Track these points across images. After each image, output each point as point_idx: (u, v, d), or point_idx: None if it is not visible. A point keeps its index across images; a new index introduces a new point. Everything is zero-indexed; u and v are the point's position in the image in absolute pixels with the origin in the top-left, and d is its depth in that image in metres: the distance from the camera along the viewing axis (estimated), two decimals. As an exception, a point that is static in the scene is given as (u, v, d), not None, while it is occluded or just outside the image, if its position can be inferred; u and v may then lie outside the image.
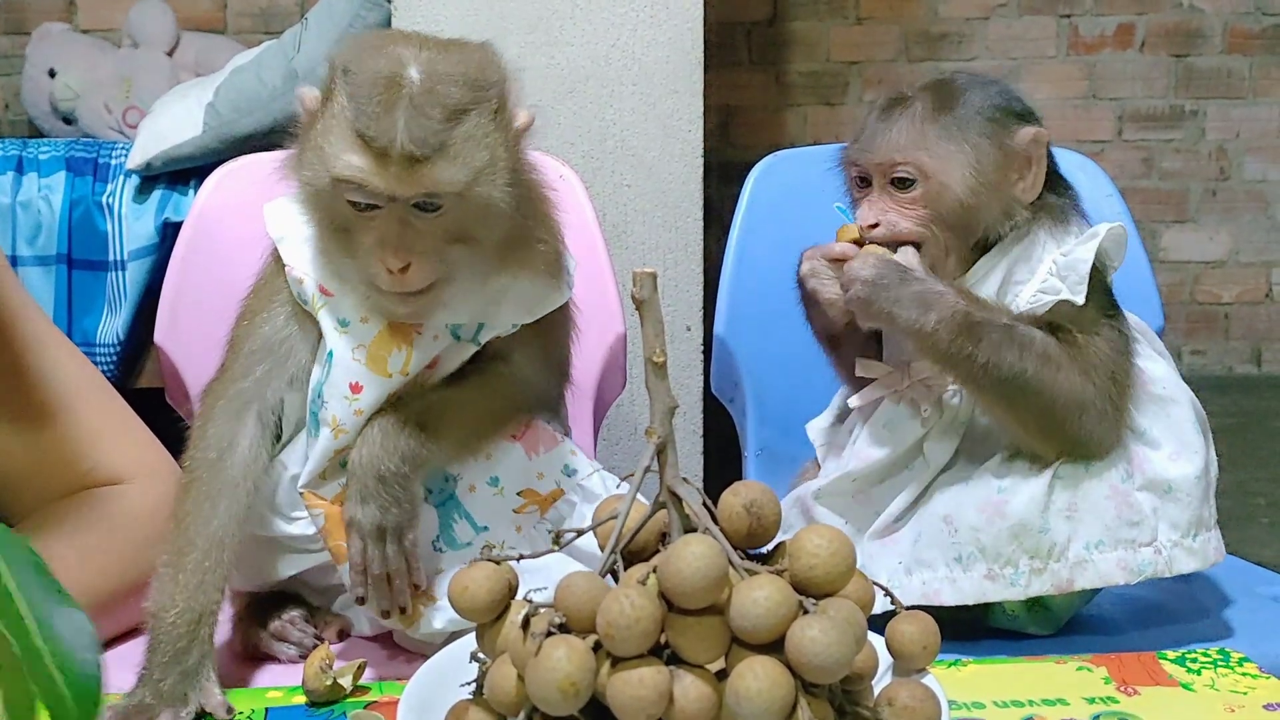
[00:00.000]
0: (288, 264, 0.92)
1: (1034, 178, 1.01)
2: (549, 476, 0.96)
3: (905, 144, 1.01)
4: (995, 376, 0.96)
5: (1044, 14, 3.28)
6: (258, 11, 3.20)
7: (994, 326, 0.96)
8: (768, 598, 0.59)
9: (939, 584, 0.98)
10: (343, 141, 0.83)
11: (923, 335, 0.96)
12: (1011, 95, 1.04)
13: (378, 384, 0.90)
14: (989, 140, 1.00)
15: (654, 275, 0.66)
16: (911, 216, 1.01)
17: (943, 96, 1.02)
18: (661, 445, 0.66)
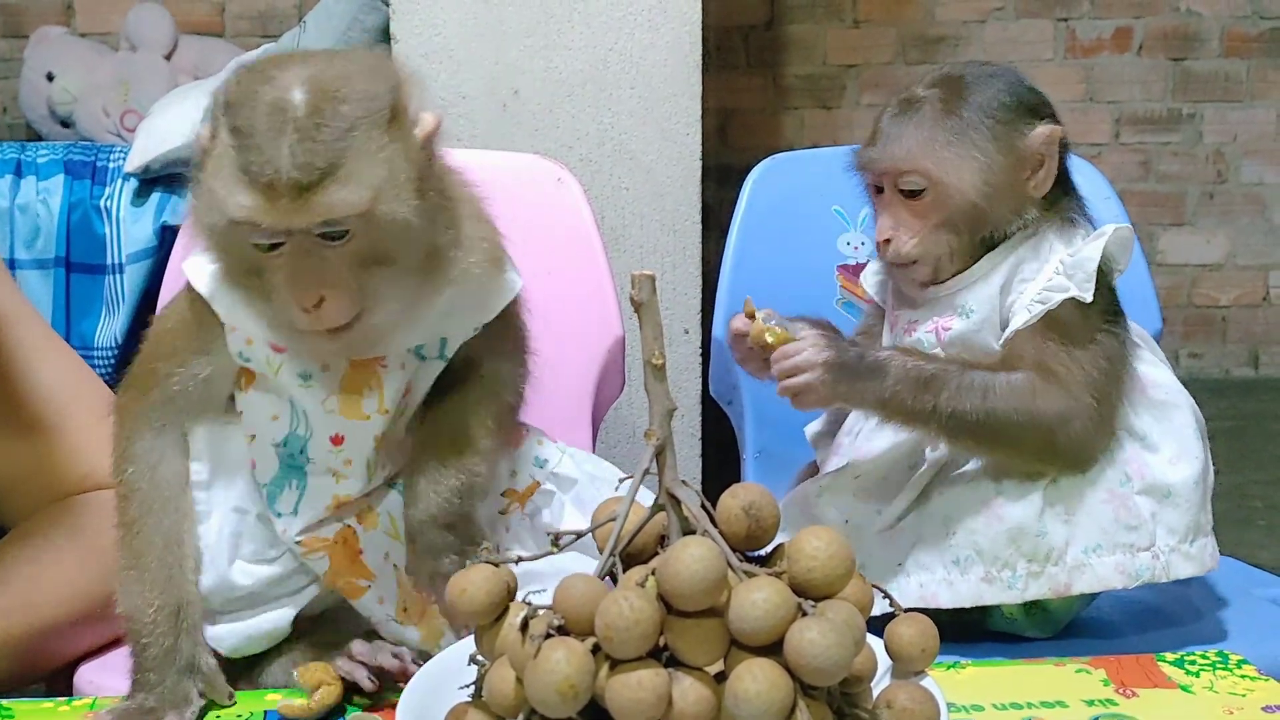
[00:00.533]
0: (229, 324, 0.87)
1: (1046, 173, 1.01)
2: (523, 472, 0.96)
3: (913, 151, 1.01)
4: (962, 423, 0.96)
5: (1041, 17, 3.29)
6: (256, 15, 3.20)
7: (950, 375, 0.97)
8: (766, 600, 0.59)
9: (936, 586, 0.98)
10: (231, 180, 0.78)
11: (883, 403, 0.97)
12: (1023, 88, 1.03)
13: (358, 429, 0.88)
14: (999, 142, 1.00)
15: (652, 278, 0.66)
16: (919, 230, 1.01)
17: (951, 97, 1.01)
18: (660, 447, 0.66)
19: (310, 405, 0.88)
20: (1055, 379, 0.97)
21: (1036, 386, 0.97)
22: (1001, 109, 1.01)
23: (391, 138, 0.80)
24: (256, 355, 0.87)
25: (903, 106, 1.03)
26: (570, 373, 1.29)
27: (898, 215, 1.02)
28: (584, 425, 1.28)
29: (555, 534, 0.68)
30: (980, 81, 1.02)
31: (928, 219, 1.01)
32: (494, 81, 1.65)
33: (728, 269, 1.36)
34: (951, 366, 0.98)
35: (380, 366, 0.87)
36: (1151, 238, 3.35)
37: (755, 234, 1.36)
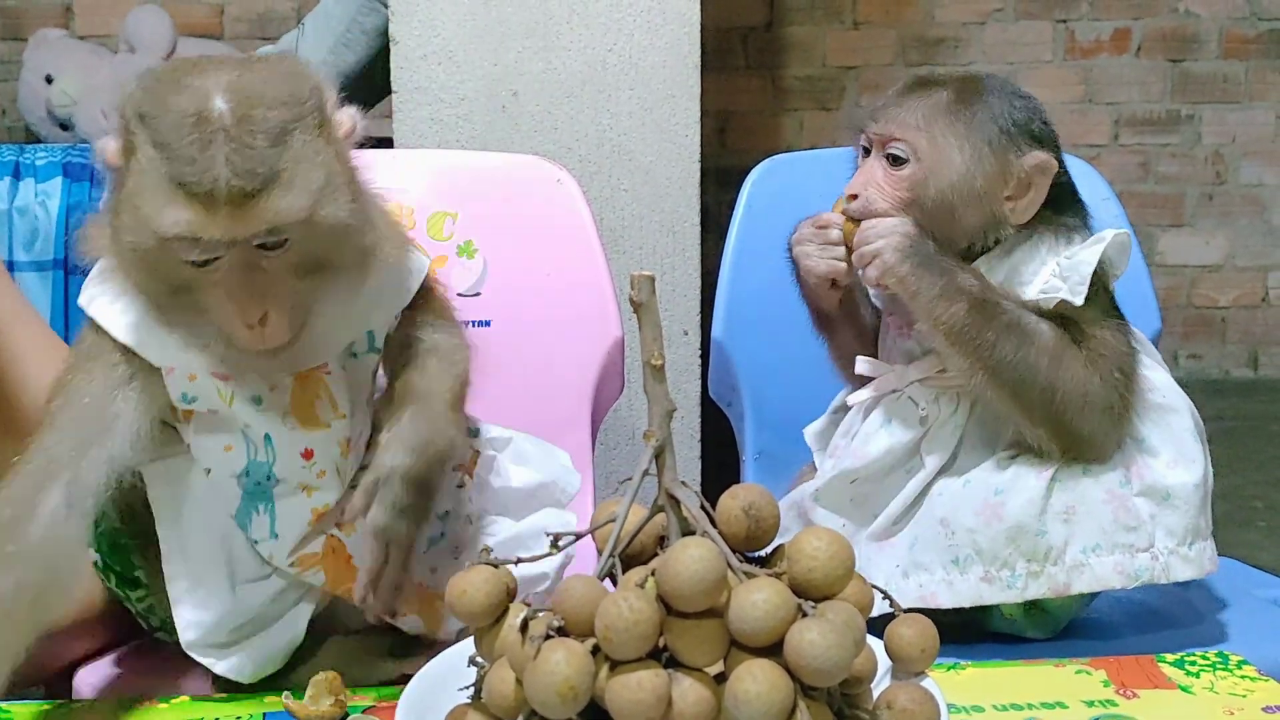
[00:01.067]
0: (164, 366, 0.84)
1: (1028, 203, 1.01)
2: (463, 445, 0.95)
3: (911, 122, 1.01)
4: (1001, 360, 0.96)
5: (1040, 19, 3.29)
6: (254, 17, 3.20)
7: (1006, 309, 0.97)
8: (766, 600, 0.59)
9: (936, 586, 0.97)
10: (161, 195, 0.74)
11: (936, 300, 0.97)
12: (1035, 115, 1.03)
13: (324, 439, 0.87)
14: (992, 149, 1.00)
15: (652, 279, 0.66)
16: (891, 197, 1.01)
17: (966, 93, 1.02)
18: (660, 448, 0.66)
19: (272, 427, 0.86)
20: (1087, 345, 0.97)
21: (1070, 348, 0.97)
22: (1009, 122, 1.01)
23: (323, 140, 0.79)
24: (204, 390, 0.85)
25: (917, 85, 1.04)
26: (569, 374, 1.29)
27: (873, 175, 1.02)
28: (583, 426, 1.28)
29: (555, 535, 0.68)
30: (999, 92, 1.03)
31: (899, 190, 1.01)
32: (493, 83, 1.65)
33: (727, 270, 1.36)
34: (1009, 302, 0.98)
35: (325, 374, 0.86)
36: (1151, 239, 3.35)
37: (754, 235, 1.36)
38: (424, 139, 1.65)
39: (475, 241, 1.31)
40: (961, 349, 0.97)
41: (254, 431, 0.86)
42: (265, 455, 0.86)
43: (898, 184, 1.01)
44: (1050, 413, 0.97)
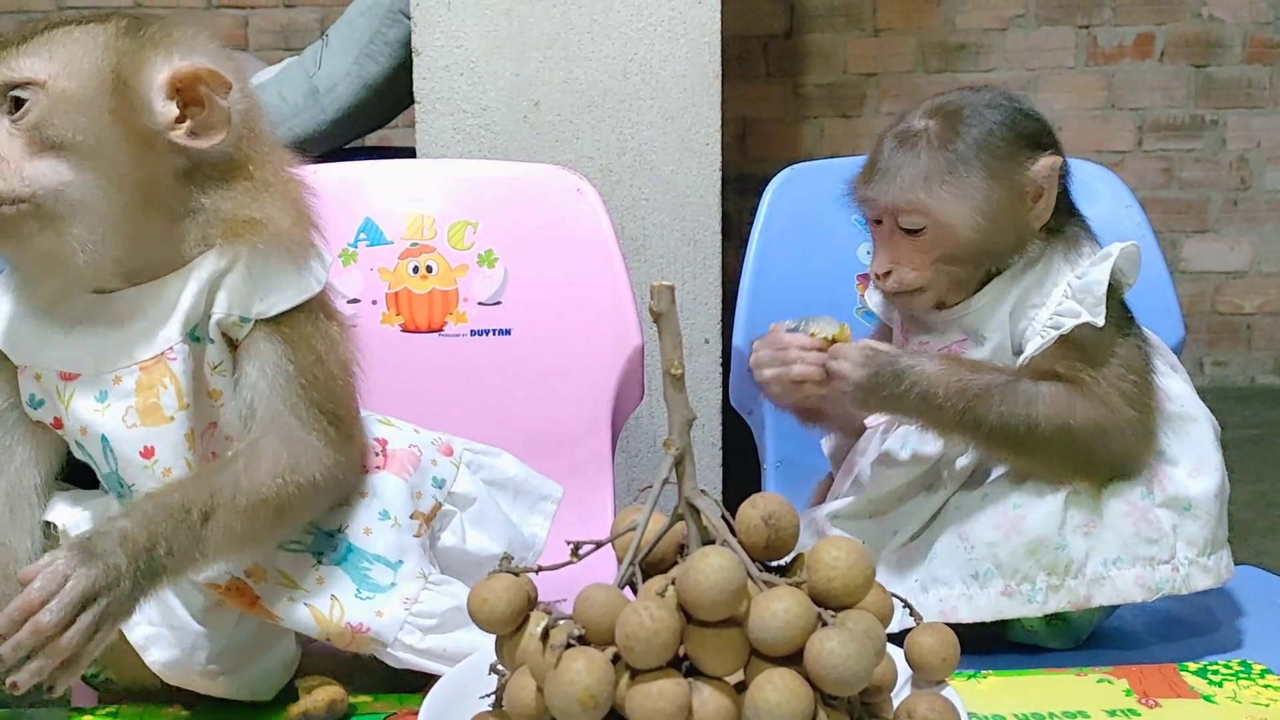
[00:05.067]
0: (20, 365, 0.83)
1: (1045, 204, 1.01)
2: (426, 494, 0.93)
3: (911, 189, 1.00)
4: (1006, 435, 0.96)
5: (1062, 24, 3.28)
6: (279, 29, 3.22)
7: (994, 388, 0.96)
8: (786, 610, 0.59)
9: (956, 601, 0.97)
10: None
11: (930, 415, 0.97)
12: (1021, 118, 1.02)
13: (166, 434, 0.82)
14: (997, 177, 0.99)
15: (672, 288, 0.66)
16: (920, 263, 1.01)
17: (948, 131, 1.01)
18: (679, 457, 0.67)
19: (110, 427, 0.82)
20: (1088, 391, 0.96)
21: (1074, 397, 0.96)
22: (1001, 142, 1.00)
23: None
24: (48, 391, 0.83)
25: (900, 140, 1.02)
26: (589, 382, 1.29)
27: (898, 250, 1.02)
28: (603, 434, 1.29)
29: (575, 544, 0.68)
30: (978, 114, 1.01)
31: (928, 254, 1.01)
32: (514, 93, 1.66)
33: (748, 278, 1.36)
34: (997, 377, 0.97)
35: (170, 359, 0.82)
36: (1175, 245, 3.33)
37: (775, 244, 1.36)
38: (446, 149, 1.67)
39: (496, 250, 1.32)
40: (968, 438, 0.98)
41: (90, 438, 0.83)
42: (108, 463, 0.83)
43: (925, 249, 1.01)
44: (1074, 462, 0.97)
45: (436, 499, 0.94)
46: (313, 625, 0.85)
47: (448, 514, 0.95)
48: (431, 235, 1.31)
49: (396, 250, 1.31)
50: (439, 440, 0.98)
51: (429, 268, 1.31)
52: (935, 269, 1.01)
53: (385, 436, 0.94)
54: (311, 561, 0.86)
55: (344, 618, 0.85)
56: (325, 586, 0.86)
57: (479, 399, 1.29)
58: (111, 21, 0.83)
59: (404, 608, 0.86)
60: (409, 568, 0.88)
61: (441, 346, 1.30)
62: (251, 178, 0.85)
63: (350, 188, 1.34)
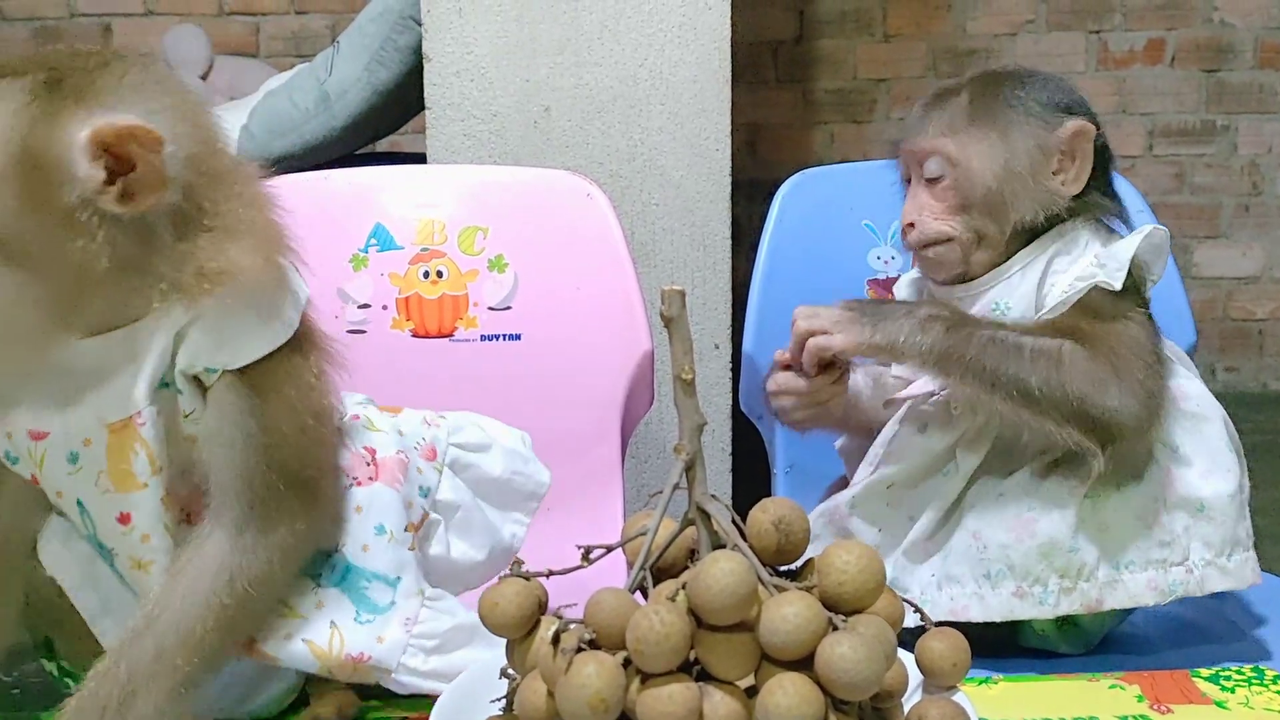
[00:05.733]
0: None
1: (1077, 170, 1.01)
2: (416, 504, 0.89)
3: (935, 133, 1.02)
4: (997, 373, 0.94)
5: (1073, 30, 3.27)
6: (289, 35, 3.24)
7: (982, 328, 0.96)
8: (797, 614, 0.59)
9: (967, 600, 0.97)
10: None
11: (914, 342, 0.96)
12: (1059, 89, 1.03)
13: (141, 500, 0.78)
14: (1025, 131, 1.00)
15: (682, 293, 0.66)
16: (942, 213, 1.02)
17: (983, 88, 1.03)
18: (690, 462, 0.67)
19: (84, 491, 0.79)
20: (1090, 344, 0.95)
21: (1066, 351, 0.95)
22: (1032, 102, 1.02)
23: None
24: (20, 449, 0.79)
25: (937, 96, 1.05)
26: (599, 387, 1.29)
27: (920, 200, 1.03)
28: (613, 439, 1.29)
29: (586, 548, 0.68)
30: (1015, 78, 1.04)
31: (948, 202, 1.02)
32: (525, 99, 1.66)
33: (758, 284, 1.36)
34: (988, 327, 0.97)
35: (138, 424, 0.77)
36: (1186, 250, 3.32)
37: (785, 249, 1.36)
38: (457, 155, 1.67)
39: (506, 256, 1.32)
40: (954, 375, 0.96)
41: (66, 500, 0.80)
42: (85, 525, 0.81)
43: (944, 197, 1.02)
44: (1068, 410, 0.94)
45: (424, 508, 0.90)
46: (312, 661, 0.82)
47: (433, 523, 0.91)
48: (442, 240, 1.32)
49: (407, 255, 1.31)
50: (421, 442, 0.93)
51: (439, 273, 1.31)
52: (956, 219, 1.01)
53: (374, 444, 0.89)
54: (310, 585, 0.83)
55: (344, 649, 0.82)
56: (324, 611, 0.83)
57: (489, 404, 1.28)
58: (27, 77, 0.72)
59: (405, 630, 0.84)
60: (407, 584, 0.85)
61: (451, 351, 1.30)
62: (211, 226, 0.76)
63: (361, 193, 1.35)
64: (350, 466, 0.87)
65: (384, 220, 1.32)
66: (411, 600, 0.85)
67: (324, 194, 1.35)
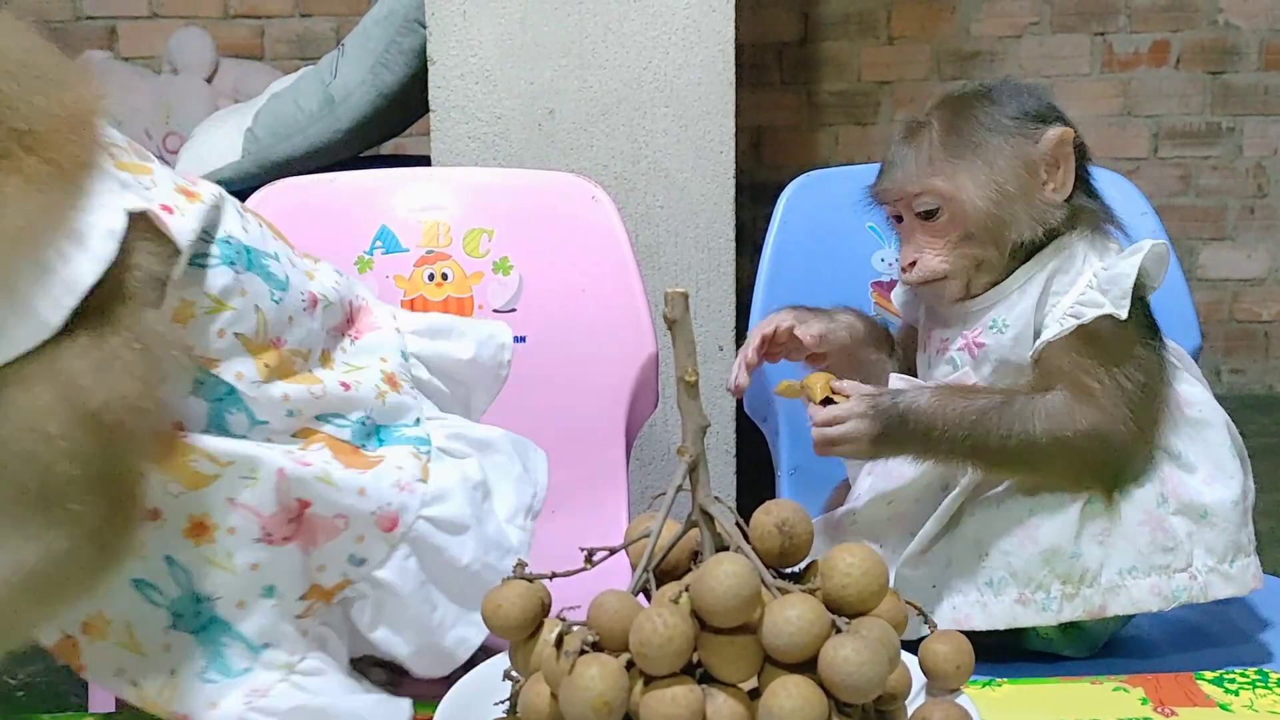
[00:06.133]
0: None
1: (1064, 175, 1.00)
2: (332, 568, 0.79)
3: (919, 173, 1.01)
4: (1008, 455, 0.96)
5: (1078, 32, 3.27)
6: (294, 38, 3.24)
7: (992, 411, 0.96)
8: (800, 616, 0.59)
9: (970, 608, 0.97)
10: None
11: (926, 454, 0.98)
12: (1028, 97, 1.03)
13: None
14: (1007, 150, 1.00)
15: (685, 295, 0.66)
16: (942, 249, 1.01)
17: (952, 116, 1.02)
18: (693, 464, 0.67)
19: None
20: (1089, 395, 0.96)
21: (1073, 406, 0.96)
22: (1005, 119, 1.01)
23: None
24: None
25: (907, 132, 1.04)
26: (604, 390, 1.29)
27: (918, 239, 1.03)
28: (618, 441, 1.29)
29: (589, 550, 0.68)
30: (981, 98, 1.03)
31: (948, 237, 1.01)
32: (529, 101, 1.67)
33: (761, 286, 1.36)
34: (992, 400, 0.97)
35: None
36: (1192, 252, 3.32)
37: (789, 251, 1.36)
38: (461, 157, 1.67)
39: (511, 258, 1.32)
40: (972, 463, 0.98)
41: None
42: None
43: (943, 232, 1.01)
44: (1075, 468, 0.97)
45: (346, 575, 0.80)
46: (135, 699, 0.75)
47: (361, 593, 0.80)
48: (447, 243, 1.32)
49: (412, 258, 1.32)
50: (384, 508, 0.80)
51: (444, 275, 1.31)
52: (958, 253, 1.01)
53: (311, 496, 0.77)
54: (165, 621, 0.75)
55: (172, 704, 0.73)
56: (168, 656, 0.75)
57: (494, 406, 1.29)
58: None
59: (245, 703, 0.75)
60: (275, 655, 0.77)
61: (456, 354, 1.30)
62: None
63: (366, 196, 1.35)
64: (269, 521, 0.76)
65: (389, 223, 1.33)
66: (270, 673, 0.77)
67: (329, 197, 1.36)
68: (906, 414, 0.97)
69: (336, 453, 0.81)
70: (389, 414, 0.86)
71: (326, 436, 0.82)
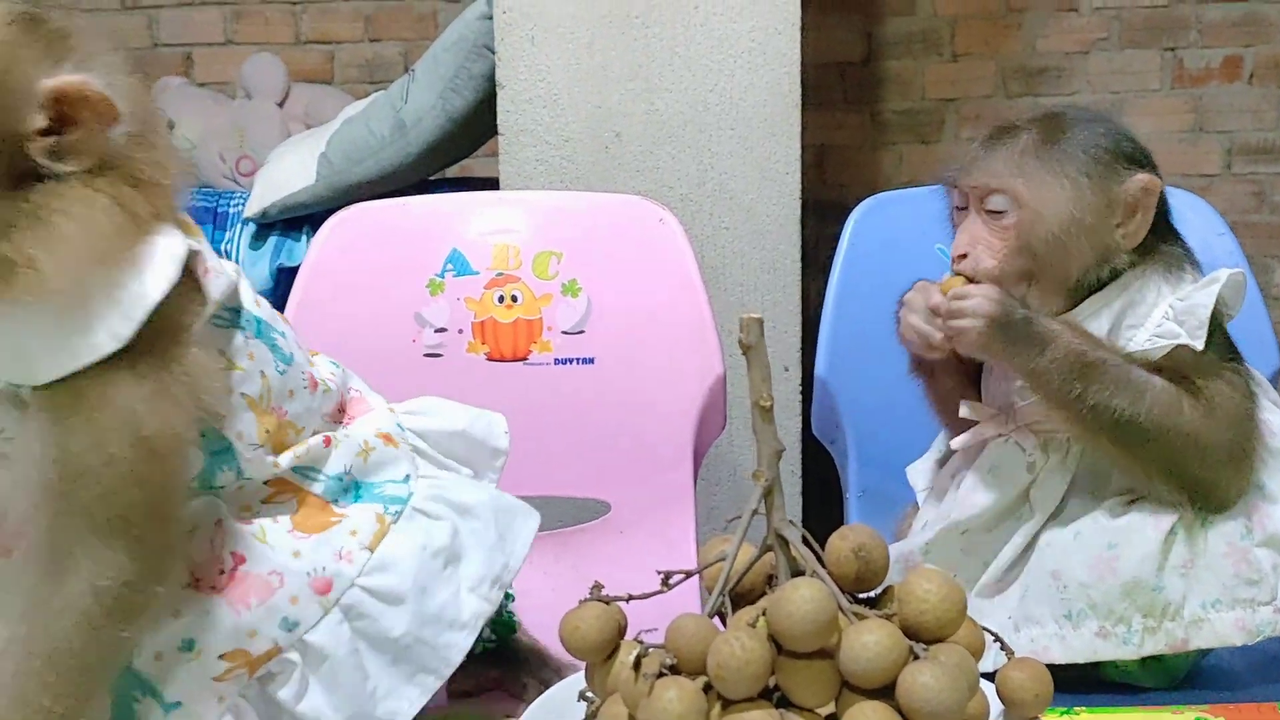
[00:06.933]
0: None
1: (1137, 225, 0.99)
2: (264, 634, 0.76)
3: (1004, 170, 1.00)
4: (1108, 419, 0.94)
5: (1147, 47, 3.23)
6: (363, 63, 3.30)
7: (1109, 367, 0.95)
8: (878, 642, 0.59)
9: (1048, 640, 0.95)
10: None
11: (1032, 373, 0.95)
12: (1123, 136, 1.02)
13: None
14: (1092, 180, 0.99)
15: (760, 321, 0.67)
16: (1000, 250, 1.00)
17: (1050, 130, 1.01)
18: (768, 488, 0.67)
19: None
20: (1199, 397, 0.94)
21: (1184, 399, 0.94)
22: (1100, 150, 1.00)
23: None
24: None
25: (999, 133, 1.03)
26: (672, 411, 1.30)
27: (977, 232, 1.01)
28: (685, 463, 1.29)
29: (665, 573, 0.69)
30: (1081, 122, 1.02)
31: (1007, 241, 1.00)
32: (596, 124, 1.68)
33: (830, 308, 1.35)
34: (1113, 357, 0.95)
35: None
36: (1267, 270, 3.25)
37: (858, 273, 1.35)
38: (530, 180, 1.69)
39: (580, 280, 1.33)
40: (1068, 412, 0.95)
41: None
42: None
43: (1003, 235, 1.00)
44: (1167, 465, 0.95)
45: (277, 642, 0.77)
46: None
47: (287, 663, 0.77)
48: (517, 265, 1.34)
49: (482, 280, 1.33)
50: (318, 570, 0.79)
51: (514, 297, 1.33)
52: (1012, 259, 0.99)
53: (245, 551, 0.76)
54: None
55: None
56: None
57: (563, 428, 1.30)
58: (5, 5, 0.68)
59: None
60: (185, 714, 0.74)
61: (526, 375, 1.31)
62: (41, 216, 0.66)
63: (438, 220, 1.37)
64: (201, 565, 0.75)
65: (460, 246, 1.35)
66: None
67: (402, 220, 1.38)
68: (1031, 319, 0.95)
69: (301, 506, 0.81)
70: (373, 468, 0.85)
71: (297, 489, 0.81)
